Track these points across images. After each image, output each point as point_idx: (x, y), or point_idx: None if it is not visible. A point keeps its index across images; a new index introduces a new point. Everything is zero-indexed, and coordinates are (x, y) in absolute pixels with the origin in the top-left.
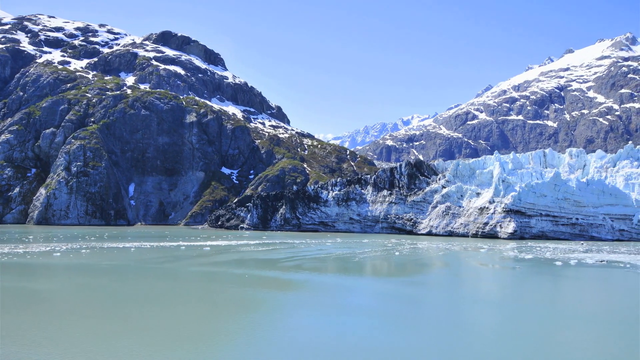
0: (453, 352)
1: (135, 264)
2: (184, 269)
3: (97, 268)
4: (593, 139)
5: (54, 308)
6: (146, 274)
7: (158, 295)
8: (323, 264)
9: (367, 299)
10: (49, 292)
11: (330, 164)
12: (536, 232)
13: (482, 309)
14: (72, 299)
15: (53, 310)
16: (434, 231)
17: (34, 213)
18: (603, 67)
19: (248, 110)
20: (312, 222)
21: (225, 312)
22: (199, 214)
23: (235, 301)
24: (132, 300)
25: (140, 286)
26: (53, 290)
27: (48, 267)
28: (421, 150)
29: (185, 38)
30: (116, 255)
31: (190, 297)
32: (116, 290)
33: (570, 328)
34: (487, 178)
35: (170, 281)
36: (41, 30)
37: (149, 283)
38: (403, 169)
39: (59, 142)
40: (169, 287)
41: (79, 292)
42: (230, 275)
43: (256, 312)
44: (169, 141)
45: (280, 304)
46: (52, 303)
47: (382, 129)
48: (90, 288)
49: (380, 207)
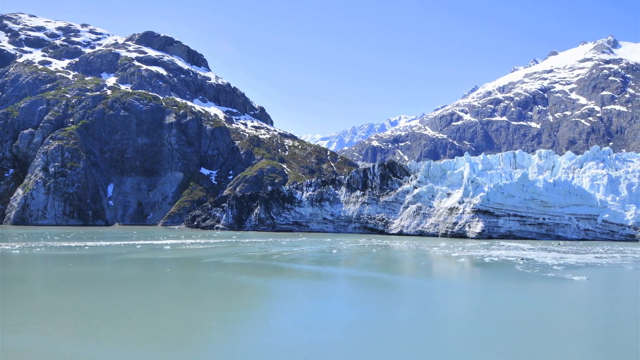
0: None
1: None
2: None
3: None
4: (575, 140)
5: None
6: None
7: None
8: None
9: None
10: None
11: (310, 164)
12: (504, 231)
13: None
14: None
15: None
16: (405, 231)
17: (11, 213)
18: (585, 70)
19: (230, 111)
20: (287, 222)
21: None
22: (177, 214)
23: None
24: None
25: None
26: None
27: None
28: (406, 151)
29: (168, 39)
30: (64, 252)
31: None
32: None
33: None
34: (458, 179)
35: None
36: (22, 29)
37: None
38: (376, 169)
39: (37, 142)
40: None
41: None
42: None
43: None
44: (148, 142)
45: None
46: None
47: (369, 130)
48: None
49: (354, 207)
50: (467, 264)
